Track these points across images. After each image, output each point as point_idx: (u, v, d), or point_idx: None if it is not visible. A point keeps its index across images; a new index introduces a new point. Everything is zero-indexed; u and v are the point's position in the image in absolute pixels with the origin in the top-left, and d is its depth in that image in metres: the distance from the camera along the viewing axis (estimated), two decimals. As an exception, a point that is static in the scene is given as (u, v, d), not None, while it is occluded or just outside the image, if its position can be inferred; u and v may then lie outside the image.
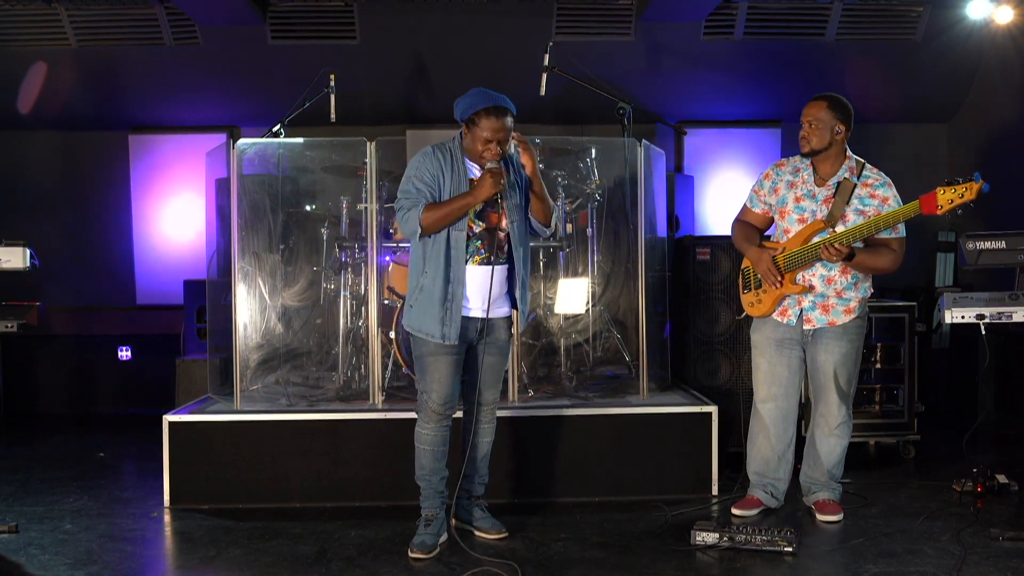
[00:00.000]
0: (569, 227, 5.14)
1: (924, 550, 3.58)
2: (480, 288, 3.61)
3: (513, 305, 3.77)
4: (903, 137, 7.03)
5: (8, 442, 5.90)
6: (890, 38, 6.40)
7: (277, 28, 6.21)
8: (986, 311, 3.85)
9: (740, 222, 4.20)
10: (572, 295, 5.06)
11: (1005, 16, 5.69)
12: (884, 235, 3.87)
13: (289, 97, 5.05)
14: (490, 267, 3.60)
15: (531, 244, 5.02)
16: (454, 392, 3.67)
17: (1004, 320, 3.85)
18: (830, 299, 3.94)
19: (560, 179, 5.10)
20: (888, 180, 3.93)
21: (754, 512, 4.13)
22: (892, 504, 4.26)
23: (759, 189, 4.15)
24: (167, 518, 4.19)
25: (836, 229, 3.86)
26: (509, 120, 3.54)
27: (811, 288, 3.94)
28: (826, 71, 6.48)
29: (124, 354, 6.93)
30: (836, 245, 3.77)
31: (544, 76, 5.15)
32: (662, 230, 5.25)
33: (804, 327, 3.98)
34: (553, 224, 3.78)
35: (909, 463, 5.10)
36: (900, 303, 5.23)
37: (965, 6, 5.76)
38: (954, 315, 3.89)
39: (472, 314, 3.64)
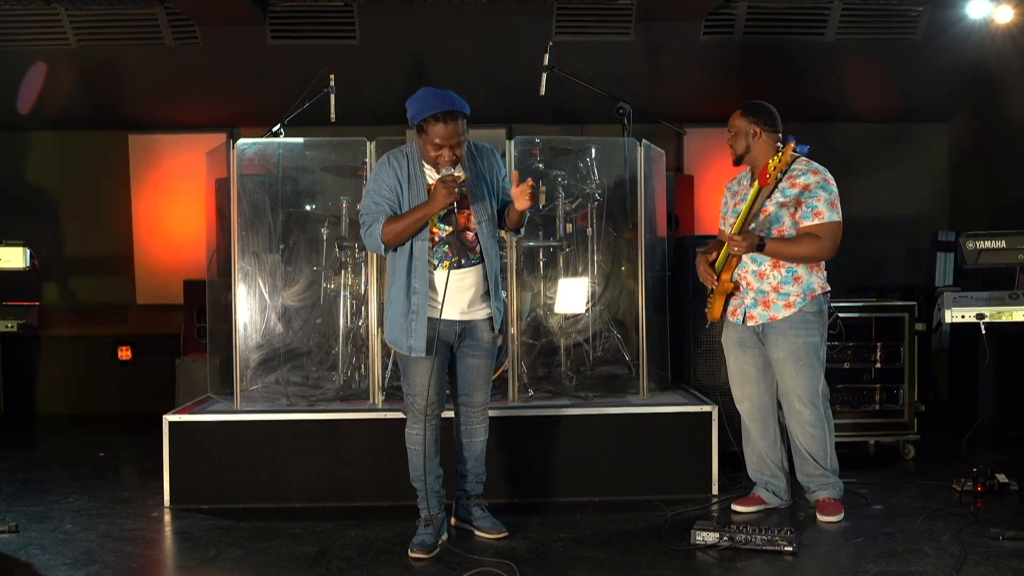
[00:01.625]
0: (569, 227, 5.13)
1: (924, 550, 3.58)
2: (454, 292, 3.57)
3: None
4: (903, 137, 7.03)
5: (8, 442, 5.90)
6: (890, 38, 6.40)
7: (277, 28, 6.21)
8: (986, 311, 3.85)
9: (712, 242, 4.28)
10: (572, 295, 5.06)
11: (1005, 16, 5.69)
12: (806, 223, 3.91)
13: (289, 97, 5.05)
14: (460, 270, 3.59)
15: (530, 244, 5.07)
16: (439, 393, 3.66)
17: (1004, 320, 3.85)
18: (769, 295, 3.98)
19: (560, 179, 5.09)
20: (815, 168, 3.96)
21: (754, 509, 4.14)
22: (892, 504, 4.26)
23: (722, 209, 4.29)
24: (167, 518, 4.19)
25: (758, 223, 3.95)
26: (461, 123, 3.46)
27: (747, 285, 4.02)
28: (825, 70, 6.48)
29: (124, 354, 6.93)
30: (731, 235, 3.87)
31: (544, 76, 5.14)
32: (662, 230, 5.25)
33: (749, 324, 4.04)
34: (521, 234, 3.79)
35: (909, 463, 5.10)
36: (900, 303, 5.23)
37: (965, 6, 5.76)
38: (954, 315, 3.88)
39: (447, 316, 3.59)
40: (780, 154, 3.70)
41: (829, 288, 4.05)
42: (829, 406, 4.07)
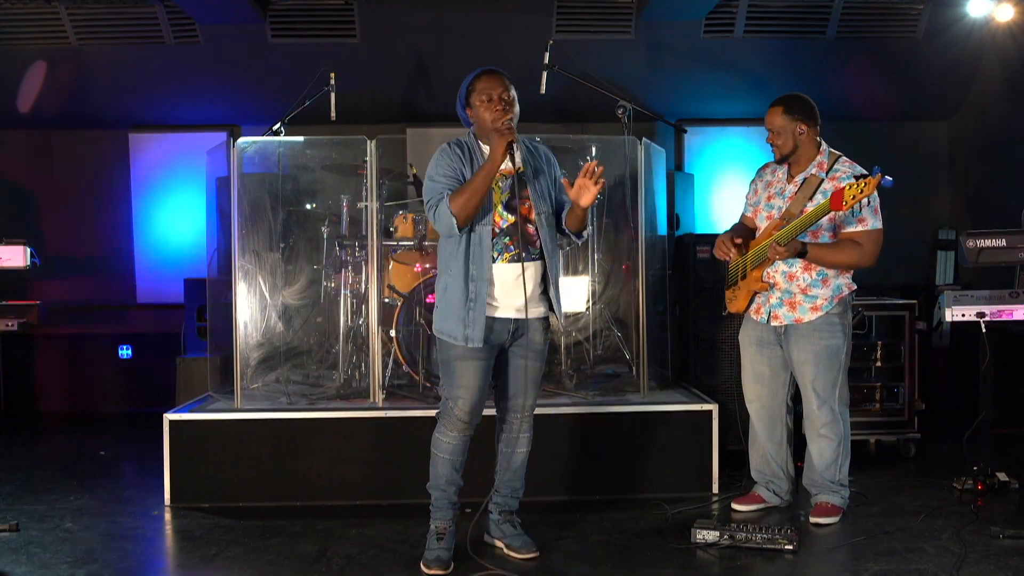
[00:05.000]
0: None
1: (924, 548, 3.58)
2: (512, 287, 3.37)
3: (550, 306, 3.52)
4: (903, 135, 7.03)
5: (8, 441, 5.90)
6: (891, 36, 6.40)
7: (277, 26, 6.21)
8: (986, 309, 3.85)
9: (735, 225, 4.24)
10: (572, 293, 5.06)
11: (1005, 14, 5.69)
12: (849, 229, 3.86)
13: (289, 95, 5.05)
14: (520, 264, 3.36)
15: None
16: (482, 400, 3.44)
17: (1004, 318, 3.85)
18: (796, 296, 3.93)
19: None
20: (860, 172, 3.86)
21: (754, 508, 4.14)
22: (892, 502, 4.26)
23: (749, 194, 4.23)
24: (167, 516, 4.19)
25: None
26: (506, 80, 3.42)
27: (775, 285, 3.96)
28: (826, 69, 6.48)
29: (125, 353, 6.93)
30: (775, 244, 3.78)
31: (544, 74, 5.14)
32: (662, 228, 5.25)
33: (772, 324, 4.00)
34: (585, 236, 3.59)
35: (909, 461, 5.10)
36: (900, 301, 5.23)
37: (965, 4, 5.76)
38: (954, 313, 3.88)
39: (503, 314, 3.40)
40: (863, 183, 3.52)
41: (856, 287, 4.00)
42: (847, 413, 4.02)
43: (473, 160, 3.44)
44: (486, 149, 3.43)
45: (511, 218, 3.40)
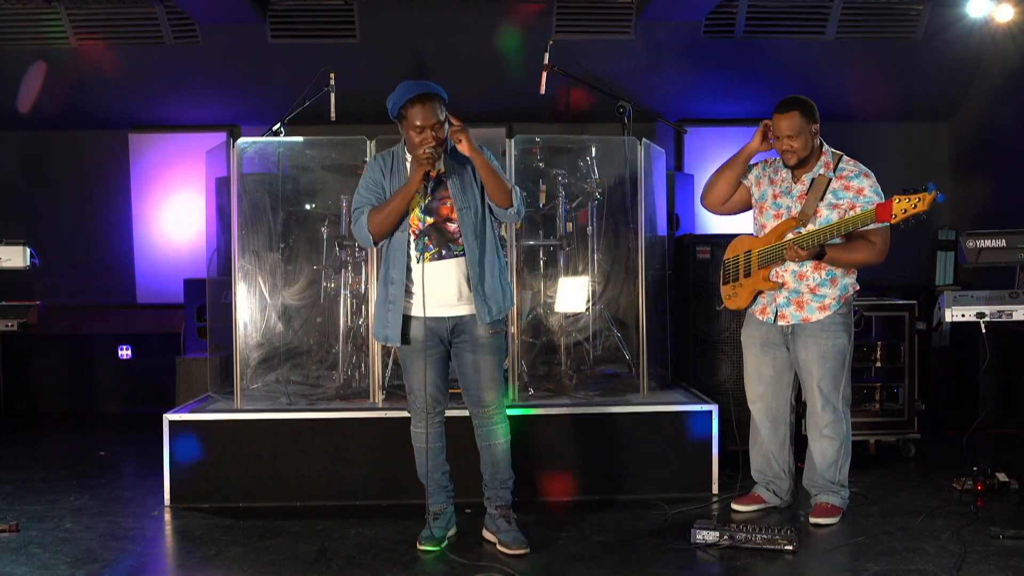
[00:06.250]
0: (569, 226, 5.13)
1: (924, 548, 3.58)
2: (435, 285, 3.51)
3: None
4: (903, 136, 7.03)
5: (8, 442, 5.90)
6: (890, 37, 6.40)
7: (277, 27, 6.21)
8: (986, 309, 3.85)
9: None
10: (572, 294, 5.06)
11: (1005, 14, 5.69)
12: (861, 228, 3.85)
13: (289, 96, 5.05)
14: (441, 261, 3.53)
15: (530, 243, 5.06)
16: (435, 390, 3.63)
17: (1004, 319, 3.85)
18: (804, 295, 3.93)
19: (560, 178, 5.10)
20: (865, 171, 3.90)
21: (754, 508, 4.14)
22: (892, 502, 4.26)
23: (752, 177, 4.14)
24: (167, 517, 4.19)
25: (807, 226, 3.86)
26: (438, 105, 3.45)
27: (783, 284, 3.95)
28: (826, 70, 6.48)
29: (124, 353, 6.93)
30: (797, 247, 3.79)
31: (544, 75, 5.14)
32: (662, 229, 5.25)
33: (779, 323, 3.99)
34: (516, 206, 3.55)
35: (909, 461, 5.10)
36: (900, 301, 5.23)
37: (965, 4, 5.76)
38: (954, 314, 3.88)
39: (438, 313, 3.55)
40: (917, 199, 3.50)
41: (859, 287, 4.00)
42: (849, 413, 4.02)
43: (394, 170, 3.60)
44: (411, 161, 3.56)
45: (430, 219, 3.54)
